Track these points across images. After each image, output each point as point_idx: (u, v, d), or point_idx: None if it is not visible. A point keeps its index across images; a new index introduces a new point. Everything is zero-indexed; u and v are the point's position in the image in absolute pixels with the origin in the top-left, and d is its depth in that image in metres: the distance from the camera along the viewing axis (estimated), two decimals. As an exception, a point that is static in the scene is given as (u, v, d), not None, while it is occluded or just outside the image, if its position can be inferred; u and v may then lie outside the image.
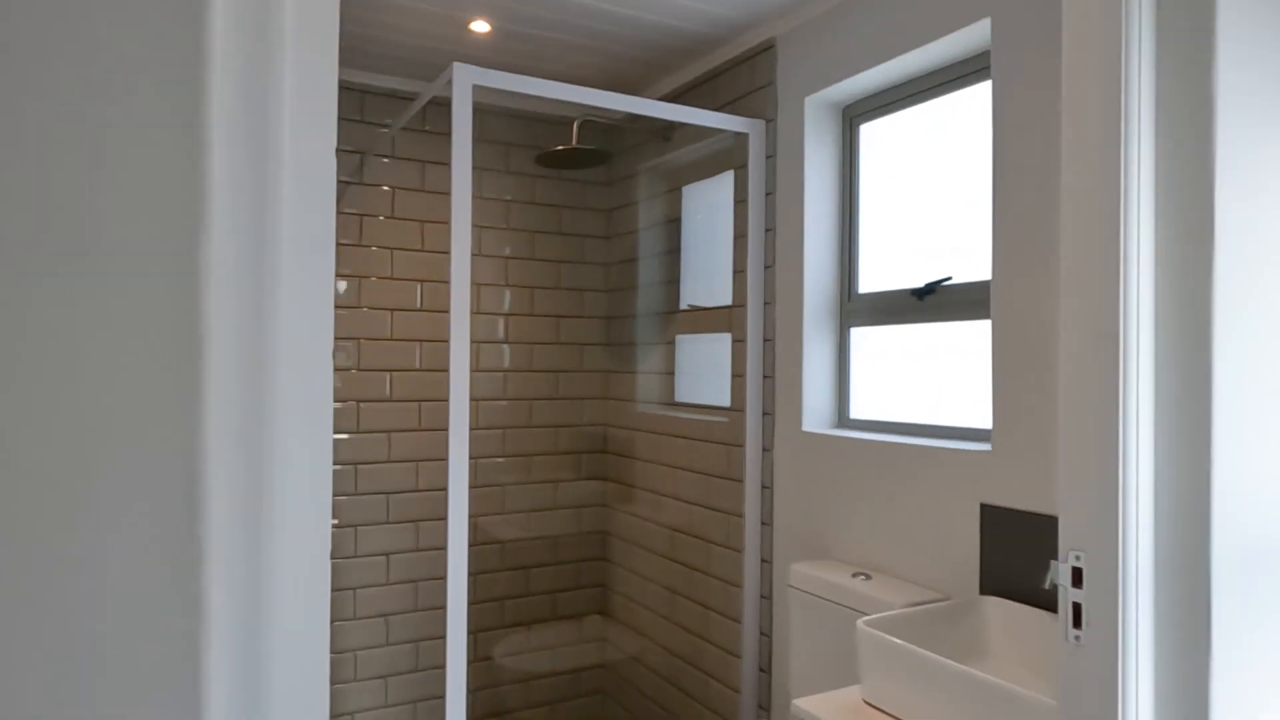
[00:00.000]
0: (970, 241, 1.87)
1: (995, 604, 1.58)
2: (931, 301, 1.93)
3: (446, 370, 2.82)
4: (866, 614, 1.74)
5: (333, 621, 2.65)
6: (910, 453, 1.84)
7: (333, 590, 2.65)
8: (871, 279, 2.15)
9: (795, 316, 2.19)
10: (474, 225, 2.89)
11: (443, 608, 2.84)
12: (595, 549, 3.12)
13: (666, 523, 2.75)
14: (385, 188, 2.75)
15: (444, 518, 2.82)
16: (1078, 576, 1.02)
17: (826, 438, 2.08)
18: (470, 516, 2.88)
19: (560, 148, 2.47)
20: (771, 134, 2.27)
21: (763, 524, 2.29)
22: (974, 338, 1.84)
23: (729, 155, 2.48)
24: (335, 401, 2.65)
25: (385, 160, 2.75)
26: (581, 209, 3.10)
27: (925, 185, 1.99)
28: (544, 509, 3.03)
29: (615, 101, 2.08)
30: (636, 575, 2.93)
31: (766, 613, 2.27)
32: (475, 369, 2.89)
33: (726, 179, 2.51)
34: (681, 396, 2.75)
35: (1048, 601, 1.51)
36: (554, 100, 2.91)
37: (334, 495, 2.66)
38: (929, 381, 1.97)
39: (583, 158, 2.56)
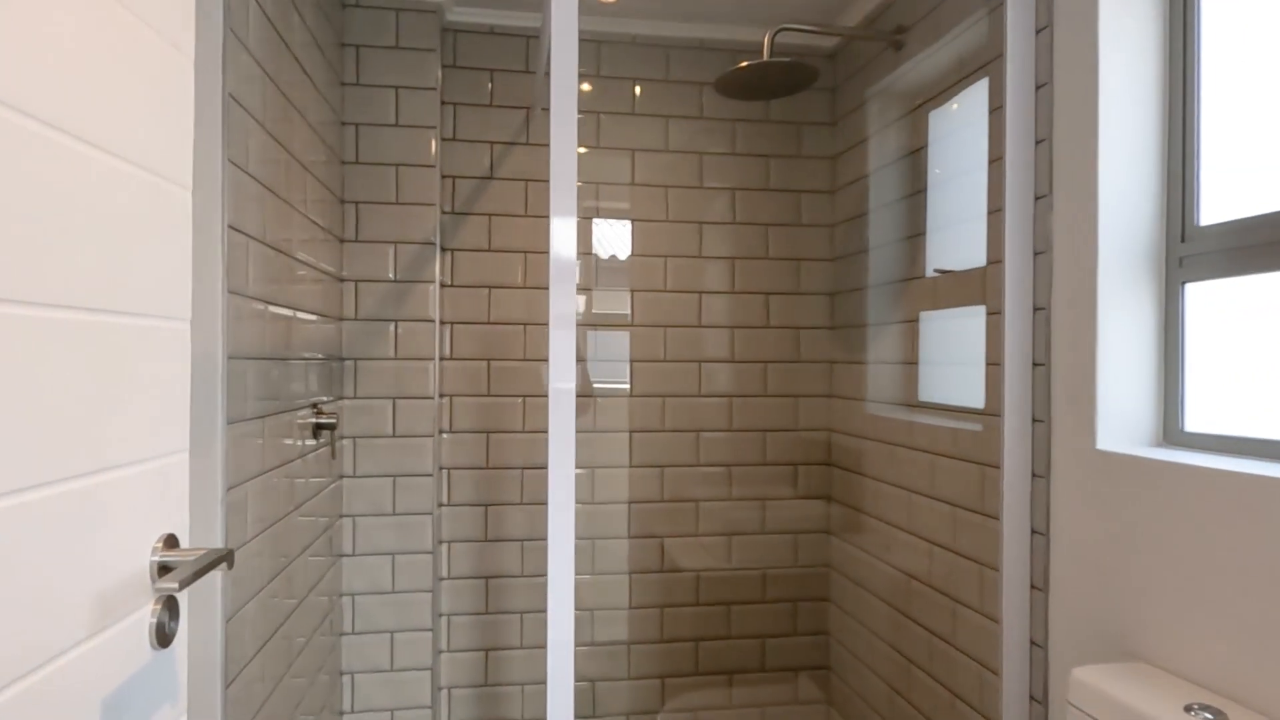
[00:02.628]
0: None
1: None
2: (1353, 225, 1.06)
3: (639, 360, 2.35)
4: (1213, 794, 0.95)
5: (493, 649, 2.31)
6: (1308, 500, 1.00)
7: (497, 613, 2.30)
8: (1225, 202, 1.30)
9: (1085, 270, 1.39)
10: (659, 185, 2.39)
11: (612, 643, 2.38)
12: (815, 588, 2.47)
13: (901, 565, 2.03)
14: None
15: (628, 536, 2.36)
16: None
17: (1141, 463, 1.27)
18: (656, 537, 2.39)
19: (745, 64, 1.88)
20: (1044, -6, 1.49)
21: (1032, 587, 1.52)
22: None
23: (983, 52, 1.72)
24: (476, 396, 2.30)
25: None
26: (796, 158, 2.46)
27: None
28: (749, 533, 2.44)
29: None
30: (865, 628, 2.23)
31: (1039, 724, 1.50)
32: (663, 359, 2.39)
33: (980, 89, 1.75)
34: (927, 394, 2.01)
35: None
36: (745, 20, 2.31)
37: (493, 504, 2.31)
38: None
39: (778, 77, 1.94)
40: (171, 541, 0.83)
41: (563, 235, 1.41)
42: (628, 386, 2.37)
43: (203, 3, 1.22)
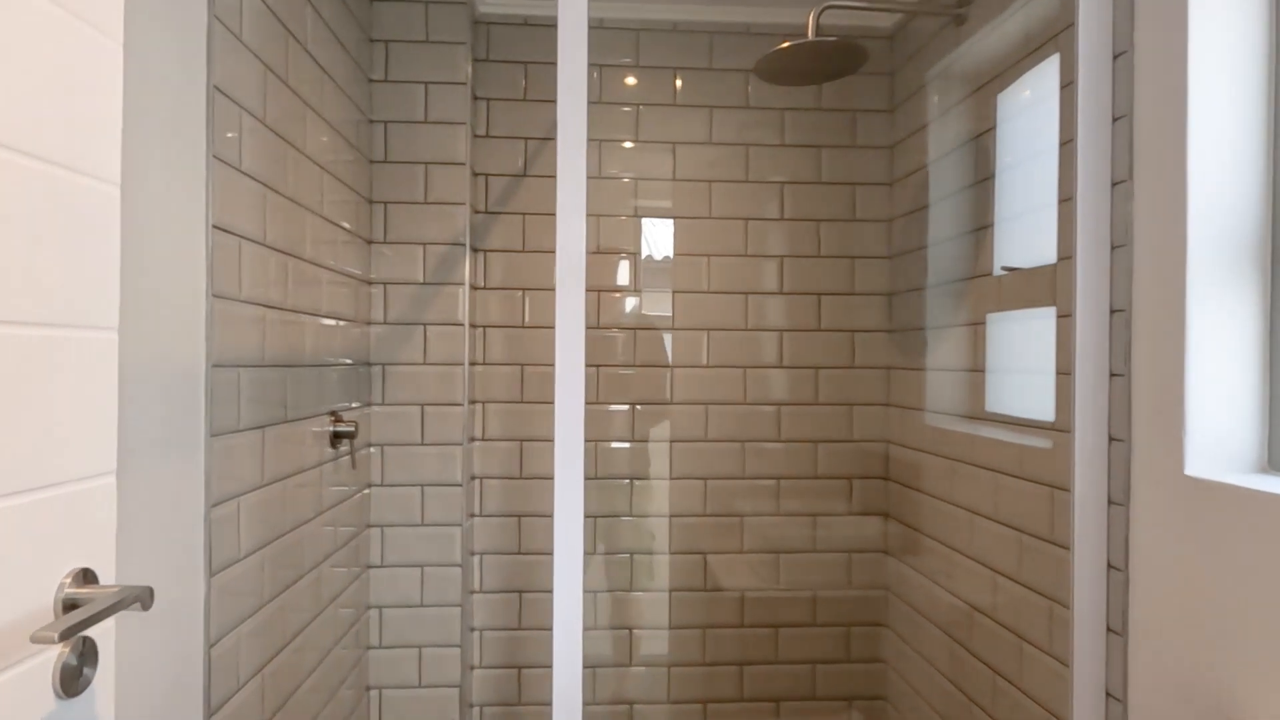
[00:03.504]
0: None
1: None
2: None
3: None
4: None
5: (525, 667, 2.21)
6: None
7: (530, 629, 2.21)
8: (1346, 182, 1.09)
9: (1171, 266, 1.20)
10: (702, 180, 2.26)
11: (651, 663, 2.25)
12: (871, 612, 2.29)
13: (963, 594, 1.84)
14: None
15: (669, 551, 2.24)
16: None
17: (1240, 493, 1.08)
18: (699, 554, 2.26)
19: (786, 45, 1.73)
20: (1123, -51, 1.30)
21: (1109, 631, 1.32)
22: None
23: (1054, 23, 1.53)
24: (516, 402, 2.21)
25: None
26: (850, 148, 2.29)
27: None
28: (799, 551, 2.28)
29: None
30: (923, 658, 2.04)
31: (1116, 788, 1.30)
32: (706, 365, 2.25)
33: (1051, 64, 1.56)
34: (994, 405, 1.82)
35: None
36: (794, 1, 2.16)
37: (526, 515, 2.22)
38: None
39: (823, 59, 1.78)
40: (88, 577, 0.75)
41: (571, 234, 1.30)
42: (668, 392, 2.24)
43: (184, -10, 1.15)
